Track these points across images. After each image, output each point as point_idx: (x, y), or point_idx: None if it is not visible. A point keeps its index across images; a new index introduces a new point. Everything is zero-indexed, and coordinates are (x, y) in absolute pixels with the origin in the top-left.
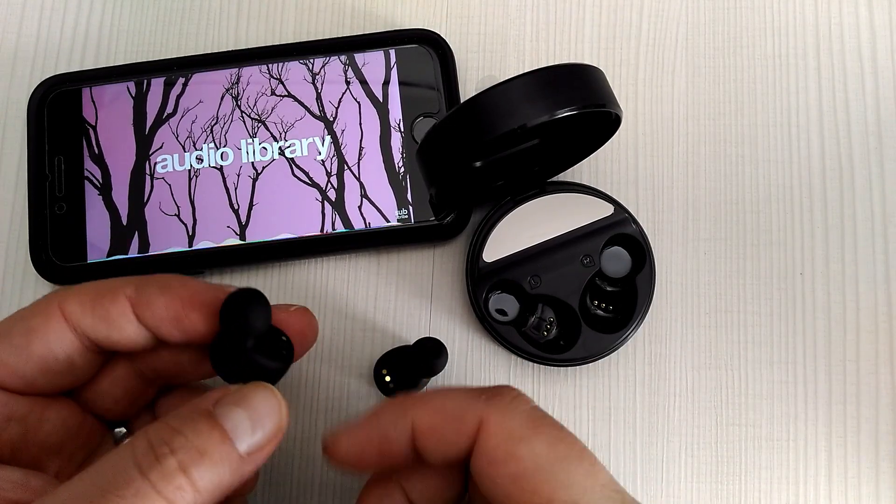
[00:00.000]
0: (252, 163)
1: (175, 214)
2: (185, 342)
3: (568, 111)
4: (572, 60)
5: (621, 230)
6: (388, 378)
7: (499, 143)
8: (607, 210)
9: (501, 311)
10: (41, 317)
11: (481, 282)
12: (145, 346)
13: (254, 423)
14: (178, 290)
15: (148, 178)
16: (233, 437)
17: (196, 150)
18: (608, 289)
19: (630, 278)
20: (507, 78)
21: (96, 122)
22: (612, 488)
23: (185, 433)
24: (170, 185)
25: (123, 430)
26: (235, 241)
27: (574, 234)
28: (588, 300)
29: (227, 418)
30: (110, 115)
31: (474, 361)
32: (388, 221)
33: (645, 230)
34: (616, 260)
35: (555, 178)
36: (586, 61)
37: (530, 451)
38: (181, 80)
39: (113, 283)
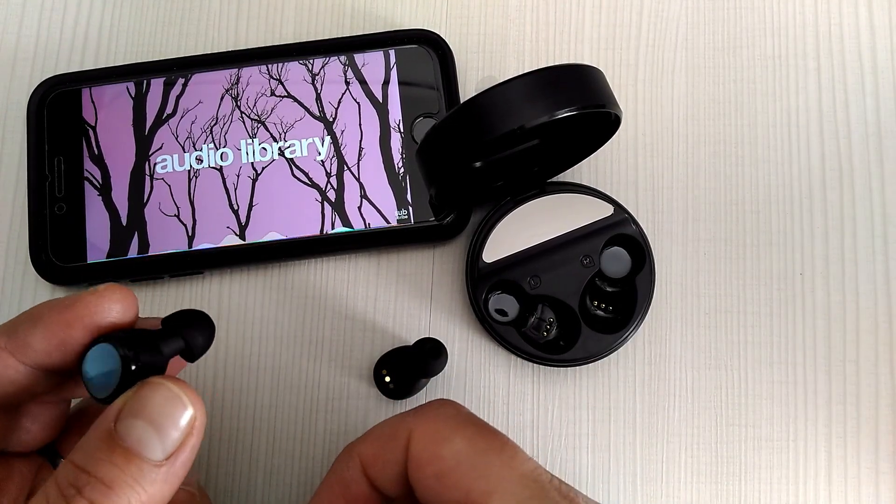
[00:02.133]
0: (252, 163)
1: (175, 215)
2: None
3: (567, 112)
4: (572, 61)
5: (621, 230)
6: (387, 378)
7: (498, 143)
8: (607, 210)
9: (501, 312)
10: None
11: (481, 282)
12: (48, 386)
13: (158, 427)
14: (48, 318)
15: (147, 178)
16: (140, 450)
17: (196, 150)
18: (608, 289)
19: (630, 279)
20: (506, 78)
21: (96, 123)
22: (531, 478)
23: (89, 468)
24: (169, 185)
25: (62, 458)
26: (235, 241)
27: (574, 234)
28: (588, 300)
29: (128, 434)
30: (110, 116)
31: (474, 362)
32: (387, 222)
33: (645, 230)
34: (616, 260)
35: (555, 179)
36: (586, 61)
37: (451, 450)
38: (181, 81)
39: None
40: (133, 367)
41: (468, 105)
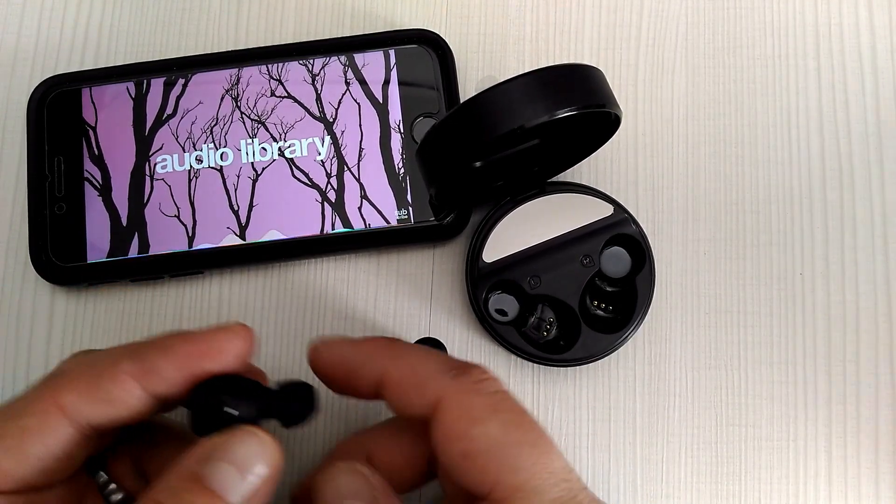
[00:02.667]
0: (252, 163)
1: (175, 215)
2: None
3: (567, 111)
4: (572, 61)
5: (621, 230)
6: None
7: (498, 143)
8: (607, 210)
9: (501, 312)
10: (37, 416)
11: (481, 282)
12: (154, 412)
13: (243, 472)
14: (183, 349)
15: (148, 178)
16: (223, 493)
17: (196, 150)
18: (608, 289)
19: (630, 278)
20: (506, 78)
21: (96, 123)
22: (561, 476)
23: None
24: (169, 185)
25: (104, 475)
26: (235, 241)
27: (574, 234)
28: (588, 300)
29: (213, 477)
30: (110, 116)
31: (474, 361)
32: (387, 222)
33: (645, 230)
34: (616, 260)
35: (555, 179)
36: (586, 61)
37: (483, 433)
38: (181, 81)
39: (106, 359)
40: (234, 415)
41: (468, 105)
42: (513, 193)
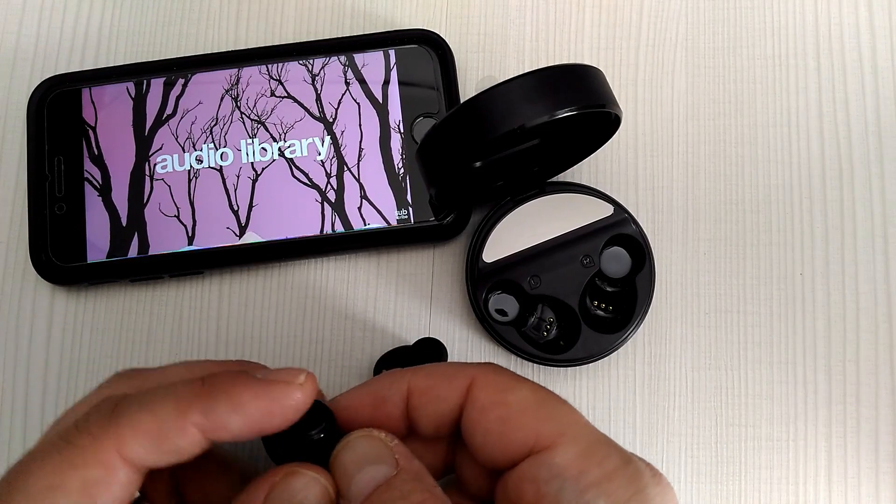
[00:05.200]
0: (252, 163)
1: (175, 215)
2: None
3: (567, 111)
4: (572, 60)
5: (621, 230)
6: None
7: (498, 143)
8: (607, 210)
9: (501, 312)
10: (101, 468)
11: (481, 282)
12: (202, 453)
13: None
14: (252, 406)
15: (147, 178)
16: None
17: (196, 150)
18: (608, 289)
19: (630, 278)
20: (506, 78)
21: (96, 123)
22: (593, 427)
23: None
24: (169, 185)
25: (138, 494)
26: (235, 241)
27: (574, 234)
28: (588, 300)
29: None
30: (110, 116)
31: (476, 361)
32: (387, 222)
33: (645, 230)
34: (616, 260)
35: (554, 179)
36: (586, 61)
37: (517, 396)
38: (181, 81)
39: (171, 405)
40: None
41: (468, 105)
42: (513, 193)
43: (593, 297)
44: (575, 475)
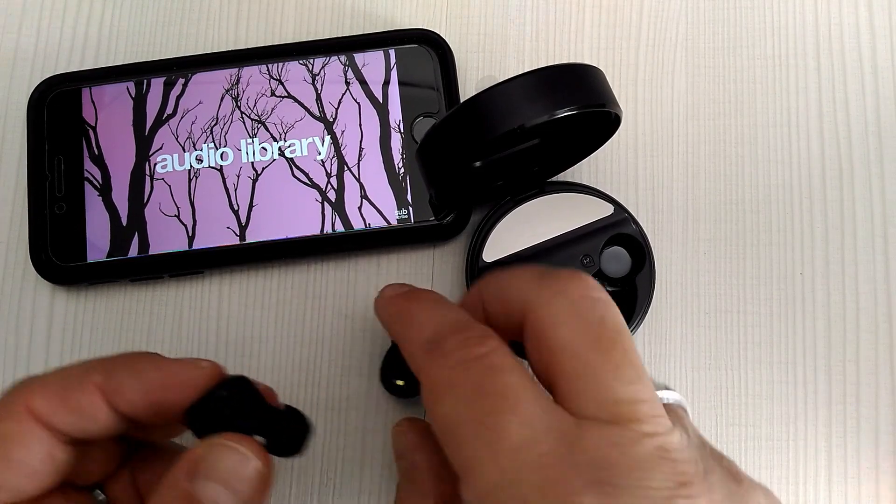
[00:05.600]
0: (252, 163)
1: (175, 215)
2: (161, 423)
3: (567, 111)
4: (572, 60)
5: (621, 230)
6: (399, 382)
7: (498, 143)
8: (607, 210)
9: None
10: (13, 422)
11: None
12: (120, 430)
13: (232, 489)
14: (149, 375)
15: (148, 178)
16: None
17: (196, 150)
18: (608, 289)
19: (630, 278)
20: (506, 78)
21: (96, 123)
22: None
23: None
24: (169, 185)
25: (102, 494)
26: (235, 241)
27: (574, 234)
28: None
29: (205, 496)
30: (110, 116)
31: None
32: (387, 222)
33: (645, 230)
34: (616, 260)
35: (554, 178)
36: (586, 61)
37: (563, 336)
38: (181, 81)
39: (78, 370)
40: (229, 422)
41: (467, 105)
42: (513, 193)
43: None
44: None
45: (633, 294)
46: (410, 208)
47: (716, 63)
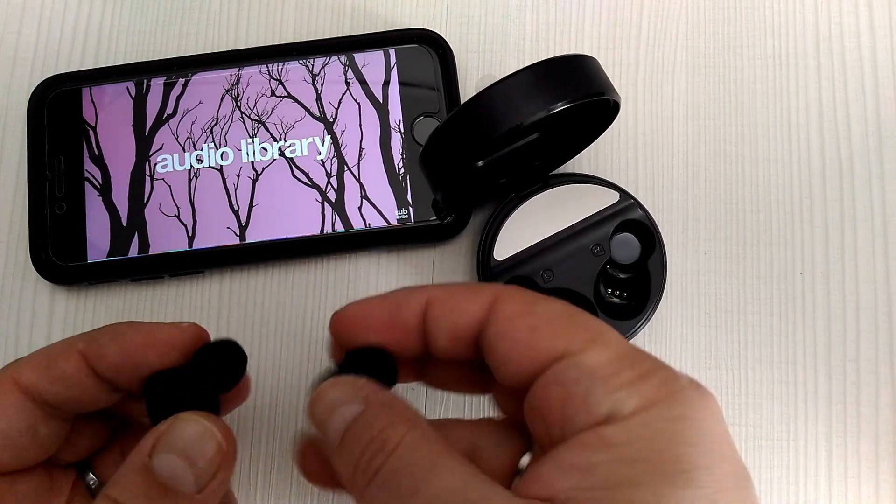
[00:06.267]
0: (252, 163)
1: (175, 215)
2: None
3: (565, 104)
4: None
5: (629, 216)
6: None
7: (499, 141)
8: (613, 197)
9: None
10: None
11: (495, 280)
12: (108, 401)
13: (191, 461)
14: (130, 336)
15: (148, 178)
16: (174, 485)
17: (196, 150)
18: (621, 276)
19: (641, 263)
20: (503, 76)
21: (96, 123)
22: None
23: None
24: (170, 185)
25: (94, 478)
26: (235, 241)
27: (582, 224)
28: (602, 289)
29: (163, 469)
30: (110, 116)
31: None
32: (387, 222)
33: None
34: (626, 246)
35: (557, 171)
36: None
37: (545, 308)
38: (181, 81)
39: (63, 342)
40: (169, 402)
41: (467, 107)
42: (517, 189)
43: (607, 285)
44: (605, 376)
45: (646, 279)
46: (410, 208)
47: (716, 63)
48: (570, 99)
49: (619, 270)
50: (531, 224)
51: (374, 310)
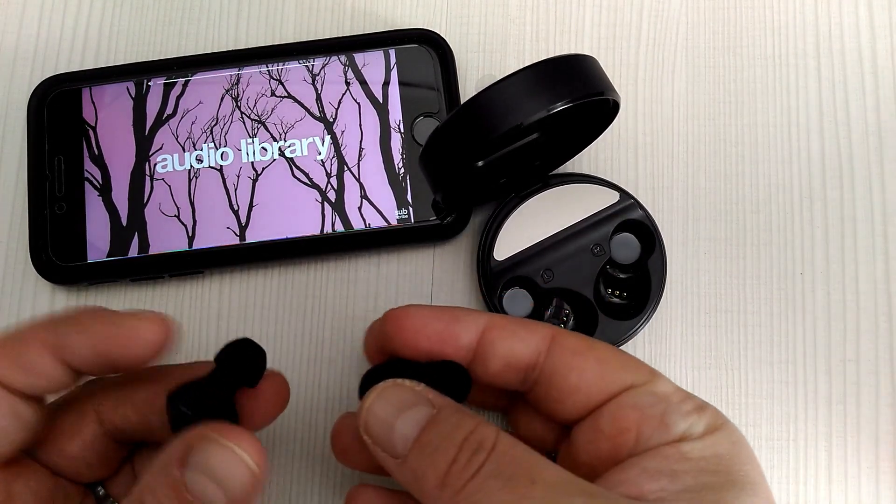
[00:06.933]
0: (252, 163)
1: (175, 215)
2: (111, 373)
3: (565, 104)
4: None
5: (628, 216)
6: None
7: (499, 141)
8: (613, 197)
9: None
10: None
11: (495, 281)
12: (70, 384)
13: (223, 486)
14: (95, 329)
15: (148, 178)
16: (205, 502)
17: (196, 150)
18: (621, 276)
19: (641, 263)
20: (502, 77)
21: (96, 123)
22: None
23: None
24: (169, 185)
25: (102, 490)
26: (235, 241)
27: (582, 224)
28: (602, 289)
29: (196, 489)
30: (110, 116)
31: None
32: (387, 222)
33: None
34: (626, 246)
35: (557, 171)
36: None
37: (604, 347)
38: (181, 81)
39: (25, 330)
40: (189, 417)
41: (466, 107)
42: (517, 189)
43: (607, 285)
44: (677, 402)
45: (646, 278)
46: (410, 208)
47: (716, 63)
48: (570, 99)
49: (619, 270)
50: (531, 224)
51: (433, 319)
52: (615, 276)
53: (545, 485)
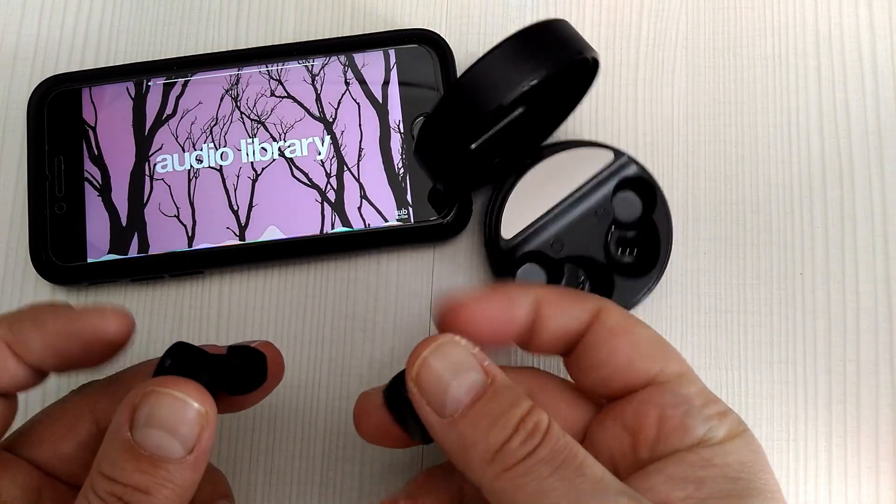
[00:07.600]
0: (252, 163)
1: (175, 215)
2: (70, 371)
3: (540, 77)
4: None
5: (625, 174)
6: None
7: (486, 122)
8: (607, 157)
9: None
10: None
11: (507, 260)
12: (34, 381)
13: (173, 431)
14: (52, 325)
15: (147, 178)
16: (162, 454)
17: (196, 150)
18: (628, 234)
19: (646, 218)
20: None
21: (96, 123)
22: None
23: (122, 479)
24: (169, 185)
25: None
26: (235, 241)
27: (582, 189)
28: (612, 250)
29: (147, 443)
30: (110, 116)
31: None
32: (387, 222)
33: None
34: (628, 204)
35: (548, 141)
36: None
37: (643, 330)
38: (181, 81)
39: None
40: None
41: (449, 93)
42: (512, 167)
43: (616, 245)
44: (699, 405)
45: (653, 233)
46: (410, 208)
47: (716, 63)
48: (547, 69)
49: (626, 229)
50: (532, 198)
51: (489, 303)
52: (623, 235)
53: (593, 479)
